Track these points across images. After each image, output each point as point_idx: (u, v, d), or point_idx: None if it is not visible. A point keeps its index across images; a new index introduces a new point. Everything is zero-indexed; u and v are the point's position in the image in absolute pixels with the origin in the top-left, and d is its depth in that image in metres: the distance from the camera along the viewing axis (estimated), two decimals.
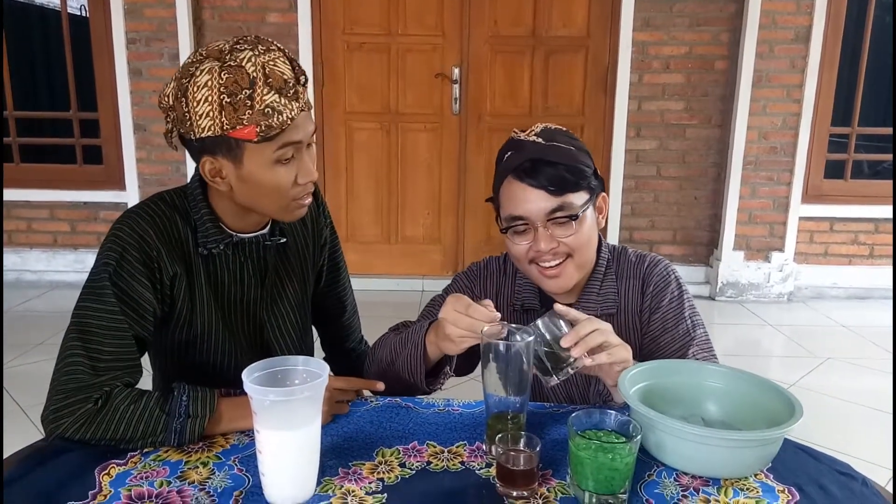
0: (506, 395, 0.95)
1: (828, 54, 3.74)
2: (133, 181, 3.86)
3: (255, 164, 1.01)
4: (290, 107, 0.98)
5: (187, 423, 0.95)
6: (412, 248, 4.08)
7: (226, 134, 0.98)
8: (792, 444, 0.98)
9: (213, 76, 0.96)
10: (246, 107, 0.96)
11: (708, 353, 1.18)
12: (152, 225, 1.05)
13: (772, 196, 3.86)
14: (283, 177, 1.03)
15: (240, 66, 0.96)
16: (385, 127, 3.93)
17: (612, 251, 1.25)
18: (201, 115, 0.97)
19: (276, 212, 1.09)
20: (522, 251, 1.15)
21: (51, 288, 3.90)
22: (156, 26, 3.69)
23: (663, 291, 1.20)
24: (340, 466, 0.92)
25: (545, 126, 1.18)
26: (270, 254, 1.18)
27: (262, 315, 1.19)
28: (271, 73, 0.96)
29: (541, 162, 1.11)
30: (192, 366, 1.16)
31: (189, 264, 1.09)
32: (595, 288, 1.21)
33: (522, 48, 3.84)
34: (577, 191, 1.13)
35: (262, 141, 0.98)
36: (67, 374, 0.96)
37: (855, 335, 3.45)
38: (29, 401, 2.49)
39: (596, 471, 0.83)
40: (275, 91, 0.96)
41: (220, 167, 1.03)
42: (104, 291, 1.01)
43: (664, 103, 3.83)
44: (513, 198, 1.14)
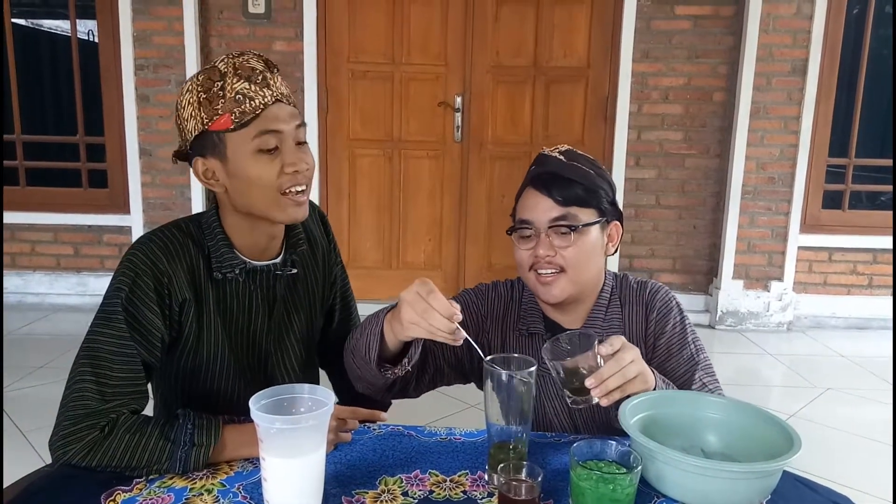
0: (508, 425, 0.97)
1: (824, 87, 3.80)
2: (137, 205, 3.89)
3: (238, 155, 1.05)
4: (262, 93, 1.04)
5: (192, 452, 0.96)
6: (413, 273, 4.09)
7: (206, 129, 1.04)
8: (791, 477, 0.99)
9: (192, 82, 1.06)
10: (219, 97, 1.03)
11: (711, 377, 1.21)
12: (164, 250, 1.07)
13: (770, 226, 3.90)
14: (266, 167, 1.05)
15: (213, 67, 1.05)
16: (388, 154, 3.98)
17: (615, 279, 1.28)
18: (187, 119, 1.06)
19: (270, 208, 1.08)
20: (524, 256, 1.20)
21: (53, 311, 3.91)
22: (164, 53, 3.75)
23: (666, 317, 1.23)
24: (344, 495, 0.93)
25: (571, 148, 1.24)
26: (280, 284, 1.19)
27: (268, 346, 1.20)
28: (241, 66, 1.05)
29: (558, 176, 1.18)
30: (195, 393, 1.16)
31: (199, 291, 1.10)
32: (601, 314, 1.24)
33: (524, 78, 3.90)
34: (585, 207, 1.18)
35: (238, 128, 1.03)
36: (76, 399, 0.98)
37: (854, 365, 3.45)
38: (29, 425, 2.49)
39: (597, 501, 0.84)
40: (244, 79, 1.03)
41: (211, 167, 1.08)
42: (115, 317, 1.02)
43: (663, 133, 3.88)
44: (525, 204, 1.21)
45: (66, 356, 1.04)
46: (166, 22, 3.72)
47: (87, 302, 3.89)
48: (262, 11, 3.74)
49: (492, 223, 4.04)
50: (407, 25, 3.84)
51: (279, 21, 3.77)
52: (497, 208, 4.03)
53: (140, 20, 3.73)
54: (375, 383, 1.11)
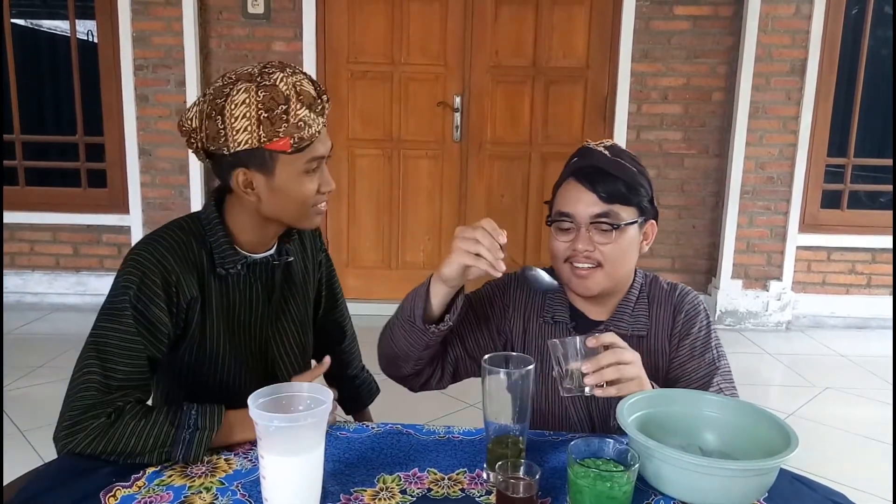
0: (506, 423, 0.97)
1: (823, 87, 3.80)
2: (137, 205, 3.89)
3: (287, 174, 1.09)
4: (318, 121, 1.08)
5: (195, 435, 0.98)
6: (413, 273, 4.10)
7: (262, 146, 1.06)
8: (788, 474, 0.99)
9: (250, 94, 1.05)
10: (282, 121, 1.05)
11: (730, 384, 1.22)
12: (170, 250, 1.09)
13: (769, 225, 3.90)
14: (309, 186, 1.12)
15: (274, 86, 1.05)
16: (387, 153, 3.98)
17: (645, 277, 1.30)
18: (239, 130, 1.05)
19: (298, 219, 1.16)
20: (561, 248, 1.21)
21: (52, 310, 3.91)
22: (163, 53, 3.75)
23: (693, 320, 1.24)
24: (342, 492, 0.93)
25: (615, 143, 1.25)
26: (278, 273, 1.23)
27: (266, 332, 1.23)
28: (301, 92, 1.07)
29: (602, 171, 1.18)
30: (197, 385, 1.18)
31: (204, 287, 1.13)
32: (628, 309, 1.25)
33: (523, 78, 3.91)
34: (627, 205, 1.19)
35: (294, 152, 1.08)
36: (81, 391, 1.00)
37: (853, 365, 3.45)
38: (28, 424, 2.49)
39: (594, 499, 0.84)
40: (306, 107, 1.06)
41: (251, 178, 1.10)
42: (123, 313, 1.04)
43: (662, 133, 3.88)
44: (567, 196, 1.21)
45: (66, 356, 1.04)
46: (165, 22, 3.72)
47: (87, 301, 3.90)
48: (262, 12, 3.75)
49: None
50: (406, 26, 3.84)
51: (278, 21, 3.77)
52: (496, 208, 4.03)
53: (139, 20, 3.73)
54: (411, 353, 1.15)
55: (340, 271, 1.50)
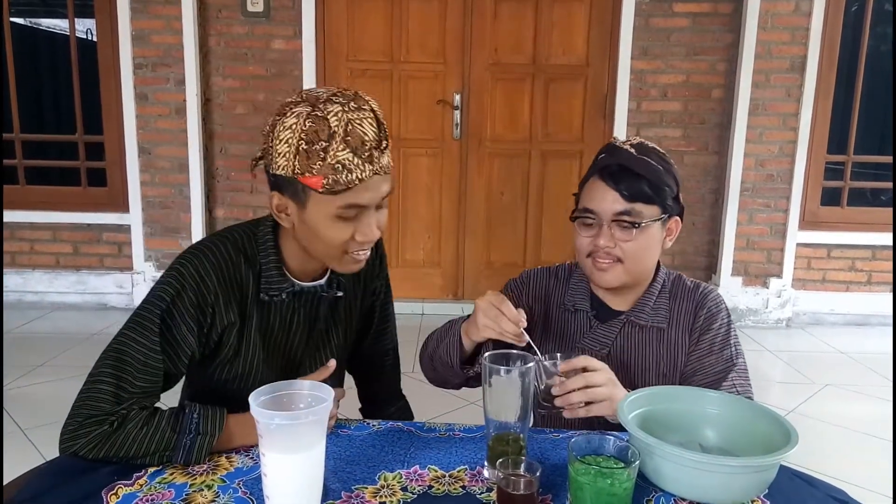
0: (507, 420, 0.97)
1: (823, 83, 3.80)
2: (137, 203, 3.89)
3: (317, 212, 1.02)
4: (363, 168, 0.98)
5: (196, 441, 0.98)
6: (413, 271, 4.10)
7: (296, 178, 1.00)
8: (788, 471, 0.99)
9: (299, 120, 0.98)
10: (318, 157, 0.97)
11: (745, 381, 1.24)
12: (216, 268, 1.06)
13: (769, 222, 3.90)
14: (341, 232, 1.03)
15: (325, 118, 0.97)
16: None
17: (668, 274, 1.32)
18: (280, 154, 1.00)
19: (329, 260, 1.10)
20: (584, 243, 1.24)
21: (52, 309, 3.91)
22: (162, 52, 3.75)
23: (715, 317, 1.26)
24: (343, 490, 0.93)
25: (643, 141, 1.26)
26: (324, 305, 1.19)
27: (302, 359, 1.20)
28: (352, 132, 0.97)
29: (627, 170, 1.20)
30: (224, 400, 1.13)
31: (244, 310, 1.10)
32: (649, 301, 1.28)
33: (522, 75, 3.90)
34: (650, 204, 1.21)
35: (326, 193, 0.99)
36: (92, 398, 0.99)
37: (853, 362, 3.46)
38: (29, 422, 2.49)
39: (595, 496, 0.84)
40: (350, 149, 0.97)
41: (285, 205, 1.05)
42: (151, 326, 1.02)
43: (662, 130, 3.88)
44: (592, 193, 1.23)
45: (66, 355, 1.05)
46: (165, 21, 3.72)
47: (87, 300, 3.90)
48: (261, 10, 3.74)
49: (491, 220, 4.05)
50: (406, 23, 3.84)
51: (278, 19, 3.77)
52: (496, 206, 4.04)
53: (139, 19, 3.73)
54: (454, 381, 1.25)
55: None
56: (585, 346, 1.27)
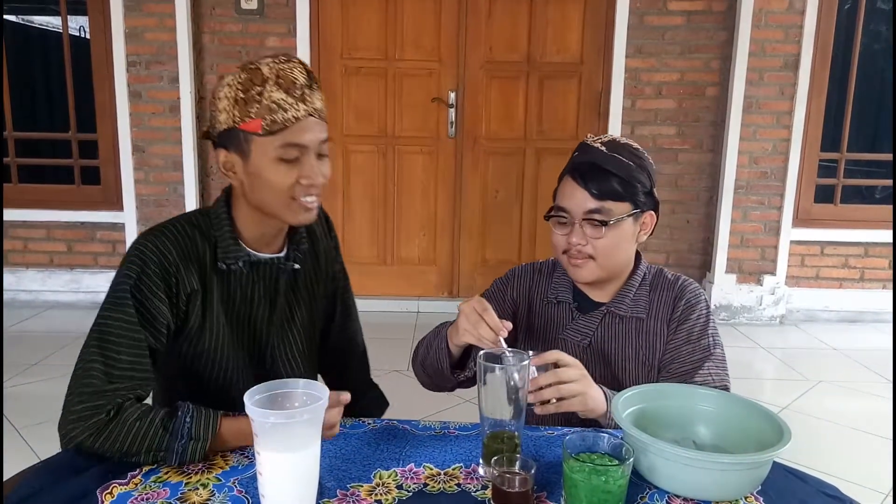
0: (502, 418, 0.98)
1: (816, 82, 3.82)
2: (131, 202, 3.88)
3: (261, 157, 1.08)
4: (297, 107, 1.07)
5: (188, 446, 0.98)
6: (408, 269, 4.11)
7: (236, 126, 1.07)
8: (781, 468, 1.00)
9: (234, 77, 1.09)
10: (255, 101, 1.05)
11: (722, 370, 1.25)
12: (173, 242, 1.10)
13: (763, 220, 3.92)
14: (285, 175, 1.09)
15: (258, 69, 1.07)
16: (381, 149, 3.98)
17: (649, 268, 1.34)
18: (221, 111, 1.09)
19: (280, 210, 1.12)
20: (559, 241, 1.27)
21: (46, 308, 3.90)
22: (156, 49, 3.74)
23: (693, 307, 1.28)
24: (339, 488, 0.93)
25: (614, 138, 1.28)
26: (283, 279, 1.22)
27: (269, 338, 1.22)
28: (283, 76, 1.06)
29: (597, 168, 1.22)
30: (196, 380, 1.18)
31: (205, 280, 1.13)
32: (629, 293, 1.30)
33: (517, 73, 3.91)
34: (620, 201, 1.23)
35: (266, 134, 1.06)
36: (84, 378, 1.01)
37: (846, 358, 3.48)
38: (24, 421, 2.48)
39: (590, 493, 0.85)
40: (282, 90, 1.06)
41: (231, 161, 1.11)
42: (125, 303, 1.05)
43: (657, 128, 3.89)
44: (564, 192, 1.26)
45: (60, 353, 1.05)
46: (158, 18, 3.70)
47: (81, 299, 3.88)
48: (255, 7, 3.73)
49: (486, 219, 4.05)
50: (400, 21, 3.83)
51: (271, 17, 3.76)
52: (491, 204, 4.04)
53: (132, 16, 3.71)
54: (447, 385, 1.27)
55: None
56: (567, 336, 1.30)
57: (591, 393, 1.10)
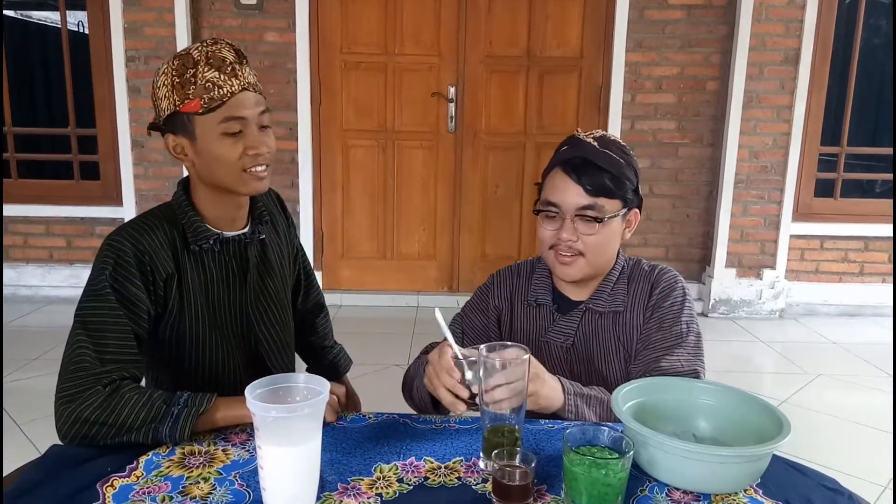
0: (502, 412, 0.98)
1: (816, 76, 3.81)
2: (130, 197, 3.88)
3: (205, 135, 1.13)
4: (231, 83, 1.12)
5: (183, 412, 1.02)
6: (407, 264, 4.11)
7: (178, 110, 1.12)
8: (780, 461, 1.00)
9: (168, 65, 1.14)
10: (190, 83, 1.11)
11: (694, 357, 1.22)
12: (142, 232, 1.14)
13: (763, 214, 3.92)
14: (231, 148, 1.14)
15: (188, 54, 1.13)
16: (381, 144, 3.97)
17: (627, 261, 1.33)
18: (161, 98, 1.14)
19: (234, 183, 1.17)
20: (547, 236, 1.26)
21: (46, 303, 3.90)
22: (155, 44, 3.73)
23: (669, 295, 1.27)
24: (339, 482, 0.94)
25: (605, 134, 1.27)
26: (252, 252, 1.26)
27: (247, 311, 1.26)
28: (213, 56, 1.12)
29: (589, 163, 1.20)
30: (181, 365, 1.21)
31: (179, 264, 1.17)
32: (607, 289, 1.29)
33: (517, 68, 3.90)
34: (612, 198, 1.22)
35: (206, 112, 1.11)
36: (76, 363, 1.03)
37: (845, 352, 3.48)
38: (24, 416, 2.49)
39: (590, 486, 0.85)
40: (214, 69, 1.11)
41: (180, 144, 1.16)
42: (104, 292, 1.08)
43: (657, 123, 3.88)
44: (554, 186, 1.24)
45: (60, 348, 1.05)
46: (157, 13, 3.69)
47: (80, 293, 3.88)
48: (254, 2, 3.72)
49: (486, 213, 4.05)
50: (400, 16, 3.82)
51: (271, 12, 3.75)
52: (491, 198, 4.04)
53: (131, 11, 3.70)
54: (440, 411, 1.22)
55: (335, 262, 1.53)
56: (550, 339, 1.30)
57: (543, 392, 1.08)
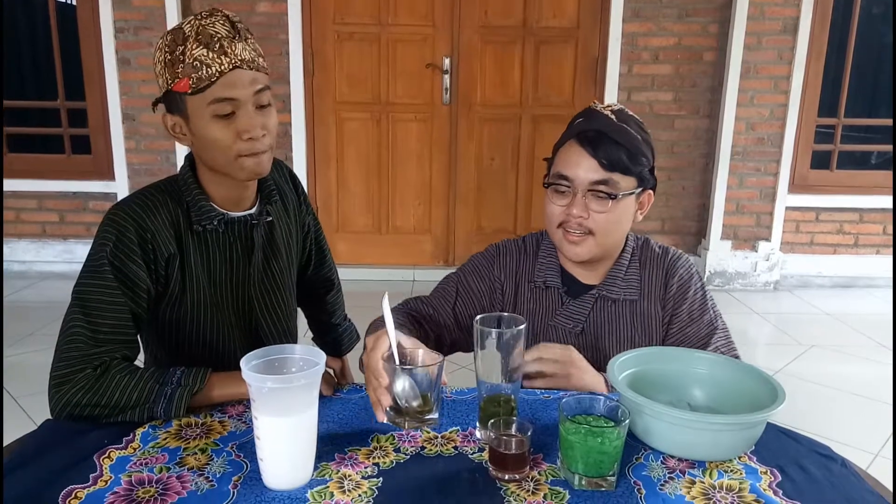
0: (498, 382, 0.98)
1: (815, 45, 3.77)
2: (122, 171, 3.84)
3: (197, 117, 1.08)
4: (219, 61, 1.04)
5: (177, 391, 1.01)
6: (403, 238, 4.10)
7: (170, 89, 1.07)
8: (774, 428, 1.01)
9: (163, 41, 1.08)
10: (179, 62, 1.05)
11: (729, 341, 1.24)
12: (145, 208, 1.10)
13: (759, 186, 3.91)
14: (223, 132, 1.07)
15: (179, 28, 1.06)
16: (375, 117, 3.93)
17: (636, 241, 1.29)
18: (157, 76, 1.10)
19: (228, 167, 1.11)
20: (556, 212, 1.19)
21: (40, 279, 3.89)
22: (144, 15, 3.66)
23: (688, 284, 1.25)
24: (336, 452, 0.94)
25: (623, 108, 1.21)
26: (258, 234, 1.22)
27: (249, 292, 1.24)
28: (202, 31, 1.05)
29: (606, 136, 1.15)
30: (182, 344, 1.20)
31: (182, 244, 1.13)
32: (619, 274, 1.25)
33: (513, 38, 3.85)
34: (627, 174, 1.16)
35: (195, 93, 1.05)
36: (69, 343, 1.02)
37: (839, 323, 3.51)
38: (21, 391, 2.49)
39: (585, 454, 0.85)
40: (202, 46, 1.04)
41: (177, 123, 1.11)
42: (103, 269, 1.06)
43: (653, 94, 3.85)
44: (567, 159, 1.17)
45: (56, 324, 1.05)
46: None
47: (75, 269, 3.80)
48: None
49: (481, 186, 4.03)
50: None
51: None
52: (486, 171, 4.01)
53: None
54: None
55: (330, 236, 1.51)
56: (558, 323, 1.25)
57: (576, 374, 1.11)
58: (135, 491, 0.84)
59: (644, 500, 0.85)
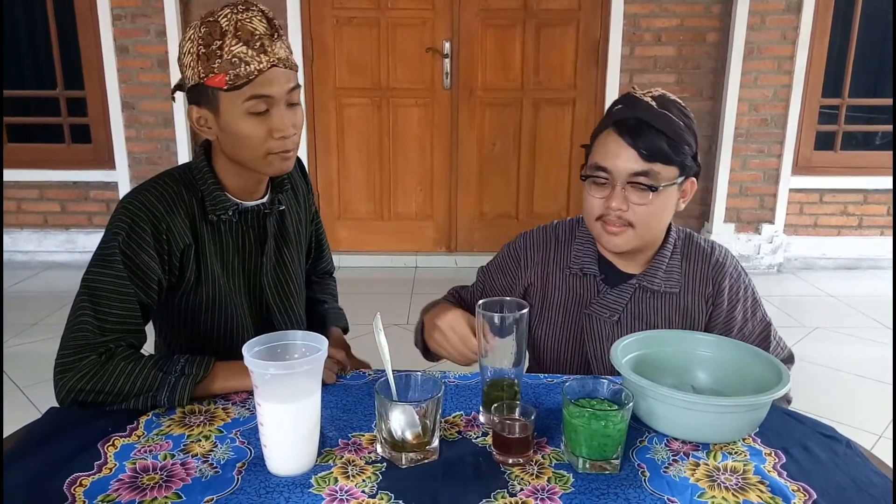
0: (501, 367, 0.98)
1: (819, 25, 3.73)
2: (123, 160, 3.83)
3: (230, 113, 1.07)
4: (259, 59, 1.04)
5: (180, 380, 1.01)
6: (405, 224, 4.09)
7: (202, 82, 1.06)
8: (778, 410, 1.01)
9: (195, 31, 1.06)
10: (216, 56, 1.04)
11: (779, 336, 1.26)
12: (161, 199, 1.09)
13: (762, 168, 3.88)
14: (255, 129, 1.07)
15: (216, 21, 1.05)
16: (376, 102, 3.91)
17: (679, 233, 1.25)
18: (187, 66, 1.07)
19: (255, 163, 1.11)
20: (595, 205, 1.15)
21: (42, 269, 3.89)
22: (142, 2, 3.63)
23: (738, 284, 1.23)
24: (340, 437, 0.94)
25: (664, 93, 1.16)
26: (271, 222, 1.23)
27: (262, 280, 1.24)
28: (242, 27, 1.04)
29: (646, 125, 1.10)
30: (196, 333, 1.20)
31: (197, 234, 1.13)
32: (661, 265, 1.21)
33: (513, 21, 3.81)
34: (669, 164, 1.11)
35: (231, 89, 1.05)
36: (76, 331, 1.02)
37: (843, 305, 3.50)
38: (25, 380, 2.50)
39: (589, 437, 0.85)
40: (242, 43, 1.03)
41: (204, 116, 1.10)
42: (113, 259, 1.05)
43: (656, 76, 3.82)
44: (606, 149, 1.13)
45: (59, 313, 1.05)
46: None
47: (77, 259, 3.87)
48: None
49: (483, 172, 4.01)
50: None
51: None
52: (488, 156, 3.99)
53: None
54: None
55: (332, 223, 1.51)
56: (594, 311, 1.21)
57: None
58: (139, 478, 0.84)
59: (648, 482, 0.85)
